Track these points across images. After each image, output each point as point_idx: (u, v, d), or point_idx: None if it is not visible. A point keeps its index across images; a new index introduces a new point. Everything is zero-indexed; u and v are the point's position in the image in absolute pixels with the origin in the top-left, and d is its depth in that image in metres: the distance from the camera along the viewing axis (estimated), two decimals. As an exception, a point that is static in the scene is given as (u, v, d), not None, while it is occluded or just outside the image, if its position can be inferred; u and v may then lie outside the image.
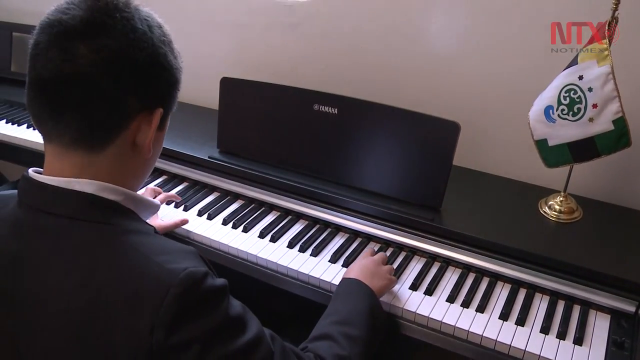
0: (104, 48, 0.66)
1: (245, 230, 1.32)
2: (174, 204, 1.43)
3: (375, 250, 1.25)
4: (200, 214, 1.38)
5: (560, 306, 1.12)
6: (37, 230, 0.69)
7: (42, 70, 0.67)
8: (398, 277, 1.18)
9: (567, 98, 1.15)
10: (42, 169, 0.73)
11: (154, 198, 1.27)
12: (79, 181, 0.69)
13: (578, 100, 1.13)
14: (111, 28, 0.67)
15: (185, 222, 1.32)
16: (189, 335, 0.65)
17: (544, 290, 1.15)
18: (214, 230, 1.33)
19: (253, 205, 1.42)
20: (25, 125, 1.82)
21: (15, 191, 0.74)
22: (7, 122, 1.84)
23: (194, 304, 0.65)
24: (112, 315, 0.64)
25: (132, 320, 0.63)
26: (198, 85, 1.64)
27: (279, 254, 1.24)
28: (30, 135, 1.76)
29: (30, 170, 0.72)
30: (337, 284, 1.14)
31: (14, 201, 0.73)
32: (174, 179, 1.54)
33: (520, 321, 1.08)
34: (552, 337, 1.05)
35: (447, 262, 1.23)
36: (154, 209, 0.79)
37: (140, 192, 1.30)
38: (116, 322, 0.63)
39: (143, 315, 0.63)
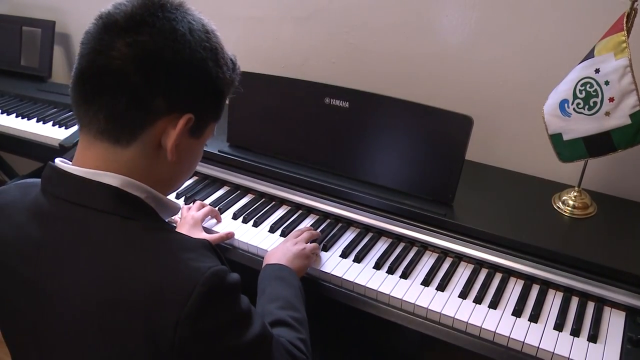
0: (138, 44, 0.66)
1: (255, 225, 1.32)
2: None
3: (312, 227, 1.28)
4: (210, 208, 1.38)
5: (574, 303, 1.11)
6: (60, 220, 0.69)
7: (81, 59, 0.69)
8: (409, 273, 1.17)
9: (583, 92, 1.13)
10: (68, 160, 0.73)
11: (197, 211, 1.28)
12: (105, 174, 0.69)
13: (594, 93, 1.11)
14: (149, 26, 0.67)
15: (231, 235, 1.27)
16: (211, 330, 0.66)
17: (557, 287, 1.14)
18: (223, 225, 1.32)
19: (263, 199, 1.42)
20: (35, 119, 1.82)
21: (37, 180, 0.74)
22: (17, 116, 1.84)
23: (217, 301, 0.66)
24: (134, 309, 0.63)
25: (156, 315, 0.63)
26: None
27: (290, 249, 1.24)
28: (39, 129, 1.76)
29: (57, 160, 0.72)
30: (347, 279, 1.15)
31: (36, 189, 0.73)
32: (183, 173, 1.53)
33: (534, 318, 1.06)
34: (566, 334, 1.04)
35: (459, 257, 1.22)
36: (174, 210, 0.79)
37: (188, 205, 1.30)
38: (138, 317, 0.63)
39: (168, 311, 0.63)
